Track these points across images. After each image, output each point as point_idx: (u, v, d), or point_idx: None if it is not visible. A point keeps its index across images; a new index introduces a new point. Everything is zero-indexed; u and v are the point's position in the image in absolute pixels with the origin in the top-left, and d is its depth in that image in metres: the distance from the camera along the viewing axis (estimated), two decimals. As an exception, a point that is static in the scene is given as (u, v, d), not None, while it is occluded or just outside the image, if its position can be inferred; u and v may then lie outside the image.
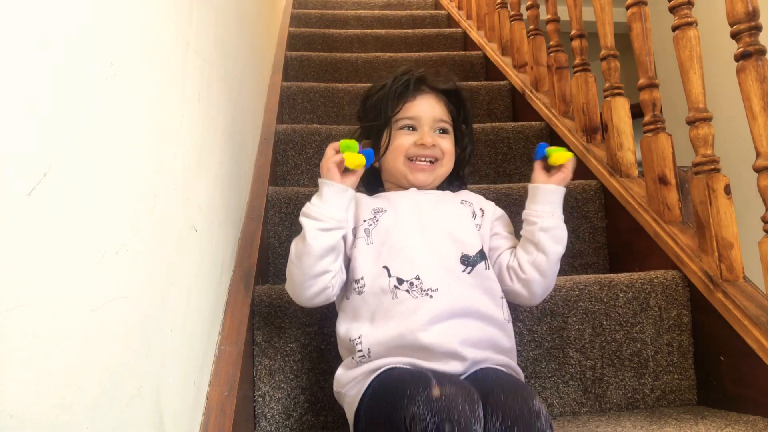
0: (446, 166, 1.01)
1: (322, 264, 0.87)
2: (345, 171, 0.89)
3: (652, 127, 1.25)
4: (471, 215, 0.98)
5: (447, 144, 1.00)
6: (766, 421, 0.91)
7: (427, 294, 0.86)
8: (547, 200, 0.94)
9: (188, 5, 0.83)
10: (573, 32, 1.56)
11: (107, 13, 0.54)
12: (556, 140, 1.63)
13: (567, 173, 0.96)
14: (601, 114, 1.47)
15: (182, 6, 0.79)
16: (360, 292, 0.89)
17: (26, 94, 0.40)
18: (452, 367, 0.84)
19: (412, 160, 0.98)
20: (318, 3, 3.16)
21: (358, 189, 0.95)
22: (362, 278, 0.90)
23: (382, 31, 2.60)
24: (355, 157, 0.88)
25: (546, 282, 0.94)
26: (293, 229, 1.31)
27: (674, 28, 1.15)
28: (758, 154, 0.99)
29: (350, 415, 0.86)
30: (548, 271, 0.93)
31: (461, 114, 1.05)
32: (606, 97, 1.40)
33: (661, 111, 1.26)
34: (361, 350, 0.86)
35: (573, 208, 1.38)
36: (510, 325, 0.93)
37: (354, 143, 0.89)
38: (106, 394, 0.49)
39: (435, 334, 0.83)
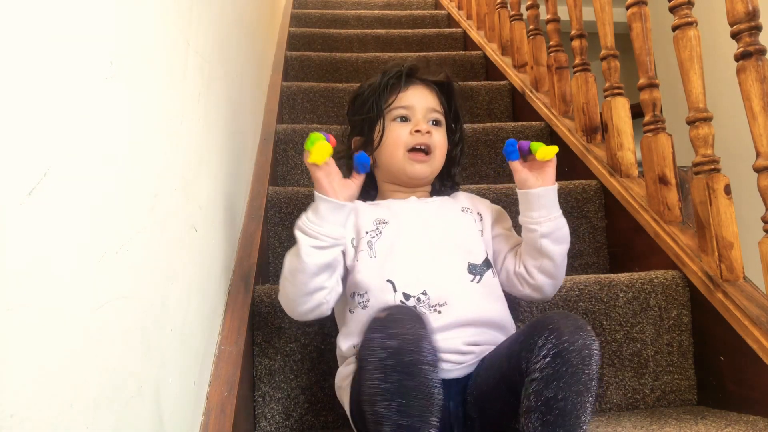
0: (438, 159, 0.98)
1: (317, 281, 0.84)
2: (344, 180, 0.86)
3: (652, 127, 1.25)
4: (474, 222, 0.97)
5: (439, 136, 0.98)
6: (767, 421, 0.91)
7: (435, 310, 0.85)
8: (541, 204, 0.90)
9: (188, 5, 0.83)
10: (573, 32, 1.56)
11: (107, 13, 0.54)
12: (556, 140, 1.63)
13: (553, 166, 0.90)
14: (601, 114, 1.47)
15: (182, 6, 0.79)
16: (365, 307, 0.87)
17: (26, 94, 0.40)
18: (454, 358, 0.84)
19: (410, 151, 0.96)
20: (318, 3, 3.16)
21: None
22: (366, 293, 0.88)
23: (382, 31, 2.60)
24: (320, 148, 0.78)
25: (557, 282, 0.94)
26: (293, 229, 1.30)
27: (674, 28, 1.15)
28: (758, 154, 0.99)
29: (346, 407, 0.86)
30: (556, 272, 0.92)
31: (452, 108, 1.03)
32: (606, 97, 1.40)
33: (661, 111, 1.26)
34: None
35: (573, 208, 1.38)
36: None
37: (317, 135, 0.82)
38: (106, 394, 0.49)
39: (438, 340, 0.82)
